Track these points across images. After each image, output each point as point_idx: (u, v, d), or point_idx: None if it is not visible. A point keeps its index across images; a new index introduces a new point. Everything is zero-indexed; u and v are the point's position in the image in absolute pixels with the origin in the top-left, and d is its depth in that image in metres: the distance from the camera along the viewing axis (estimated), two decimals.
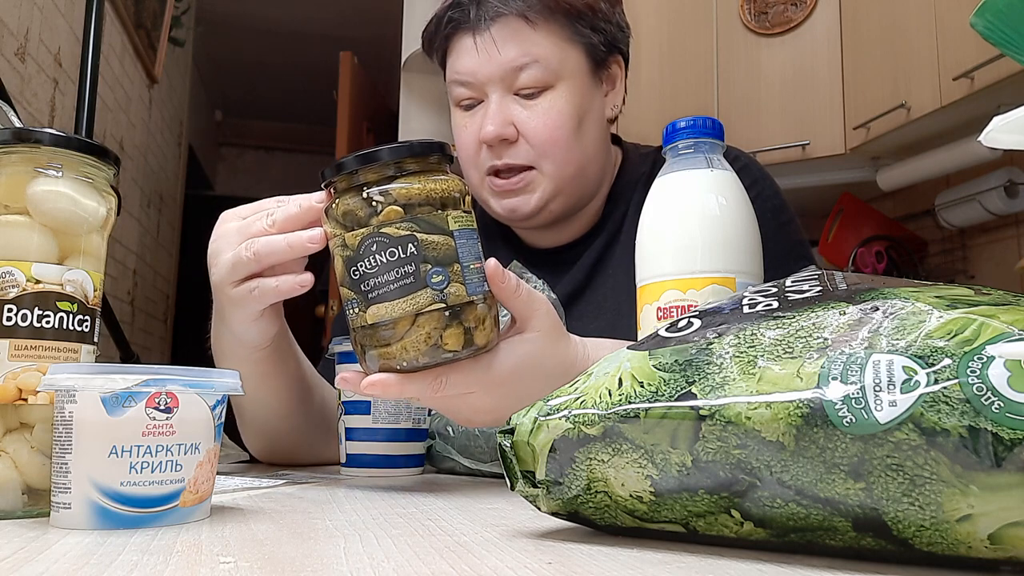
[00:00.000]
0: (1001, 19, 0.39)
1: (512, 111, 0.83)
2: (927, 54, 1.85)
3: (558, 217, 0.88)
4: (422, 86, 2.80)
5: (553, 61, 0.82)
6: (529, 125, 0.82)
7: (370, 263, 0.50)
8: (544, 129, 0.82)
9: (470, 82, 0.84)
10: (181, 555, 0.34)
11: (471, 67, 0.83)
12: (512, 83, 0.82)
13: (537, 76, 0.82)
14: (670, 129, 0.59)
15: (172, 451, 0.41)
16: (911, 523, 0.30)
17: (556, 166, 0.83)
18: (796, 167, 2.24)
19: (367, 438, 0.69)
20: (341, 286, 0.53)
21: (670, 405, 0.35)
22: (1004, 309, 0.32)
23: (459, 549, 0.36)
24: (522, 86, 0.82)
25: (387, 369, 0.52)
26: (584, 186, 0.88)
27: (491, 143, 0.82)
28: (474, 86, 0.84)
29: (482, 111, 0.84)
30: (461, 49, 0.85)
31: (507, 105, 0.83)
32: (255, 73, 5.56)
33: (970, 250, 2.12)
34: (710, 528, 0.35)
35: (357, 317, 0.52)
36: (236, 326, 0.64)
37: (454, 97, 0.87)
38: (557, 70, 0.83)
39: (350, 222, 0.51)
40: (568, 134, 0.83)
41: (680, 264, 0.56)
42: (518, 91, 0.83)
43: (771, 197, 0.85)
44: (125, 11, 2.98)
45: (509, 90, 0.83)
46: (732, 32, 2.36)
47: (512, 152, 0.83)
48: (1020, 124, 0.31)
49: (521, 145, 0.83)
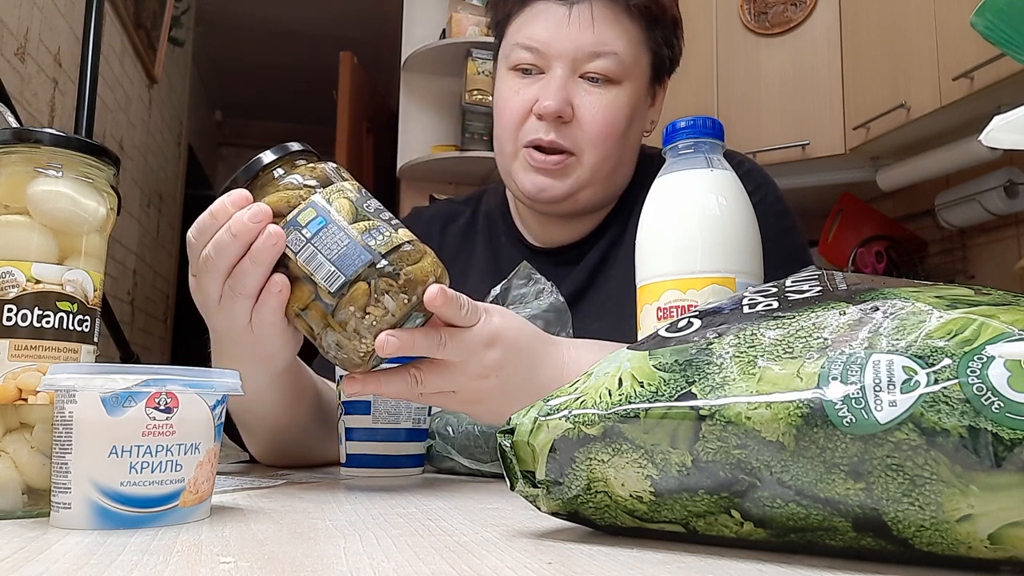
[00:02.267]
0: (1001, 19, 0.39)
1: (574, 92, 0.83)
2: (927, 54, 1.85)
3: (580, 210, 0.88)
4: (422, 86, 2.80)
5: (628, 59, 0.83)
6: (588, 111, 0.82)
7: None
8: (602, 119, 0.82)
9: (539, 50, 0.83)
10: (181, 555, 0.34)
11: (548, 36, 0.83)
12: (581, 65, 0.83)
13: (609, 67, 0.82)
14: (670, 129, 0.59)
15: (172, 451, 0.41)
16: (911, 523, 0.30)
17: (598, 158, 0.84)
18: (796, 167, 2.24)
19: (367, 438, 0.69)
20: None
21: (670, 405, 0.35)
22: (1004, 309, 0.32)
23: (459, 549, 0.36)
24: (591, 71, 0.82)
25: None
26: (611, 187, 0.89)
27: (548, 117, 0.82)
28: (542, 55, 0.83)
29: (542, 82, 0.83)
30: (542, 14, 0.84)
31: (571, 83, 0.83)
32: (255, 73, 5.56)
33: (970, 250, 2.12)
34: (710, 528, 0.35)
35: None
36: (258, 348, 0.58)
37: (512, 60, 0.86)
38: (628, 68, 0.84)
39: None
40: (619, 131, 0.84)
41: (680, 264, 0.56)
42: (583, 75, 0.83)
43: (774, 202, 0.86)
44: (125, 11, 2.98)
45: (575, 71, 0.83)
46: (732, 32, 2.36)
47: (562, 132, 0.83)
48: (1020, 124, 0.31)
49: (573, 128, 0.83)
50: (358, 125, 3.33)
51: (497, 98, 0.89)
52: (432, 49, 2.65)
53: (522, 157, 0.85)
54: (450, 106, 2.79)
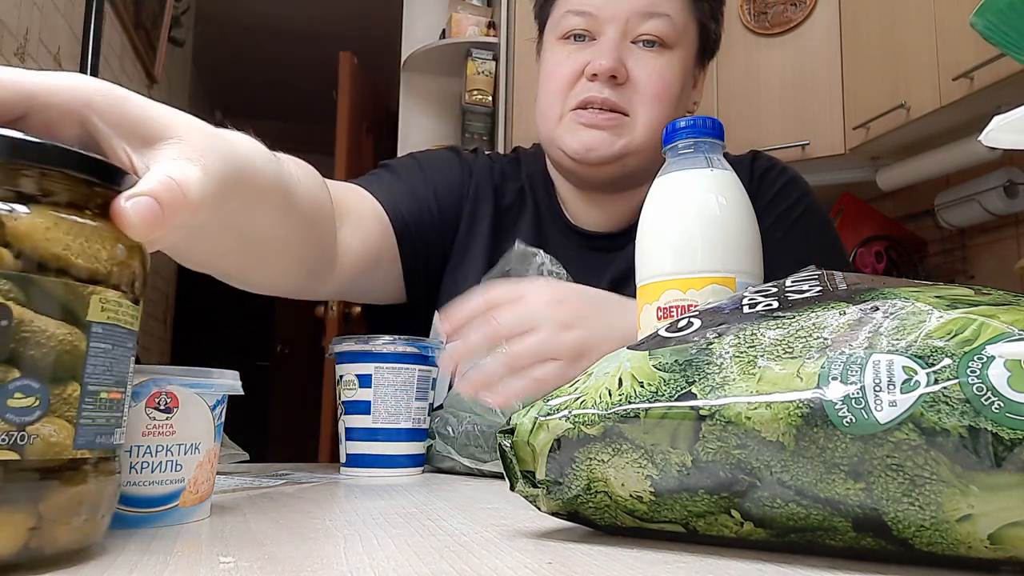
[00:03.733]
0: (1001, 19, 0.39)
1: (627, 54, 0.83)
2: (927, 54, 1.85)
3: (625, 176, 0.86)
4: (422, 86, 2.80)
5: (679, 21, 0.84)
6: (642, 73, 0.83)
7: None
8: (657, 80, 0.83)
9: (592, 14, 0.84)
10: (181, 555, 0.34)
11: (601, 0, 0.83)
12: (634, 29, 0.83)
13: (662, 29, 0.83)
14: (670, 129, 0.59)
15: (172, 451, 0.41)
16: (911, 523, 0.30)
17: (651, 119, 0.83)
18: (796, 167, 2.22)
19: (367, 438, 0.69)
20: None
21: (670, 405, 0.35)
22: (1004, 309, 0.32)
23: (459, 549, 0.36)
24: (644, 33, 0.83)
25: None
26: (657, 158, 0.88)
27: (601, 76, 0.82)
28: (595, 19, 0.84)
29: (594, 47, 0.84)
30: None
31: (624, 47, 0.83)
32: (255, 73, 5.56)
33: (970, 250, 2.12)
34: (710, 528, 0.35)
35: None
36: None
37: (562, 27, 0.86)
38: (680, 33, 0.84)
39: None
40: (674, 95, 0.84)
41: (680, 264, 0.56)
42: (635, 38, 0.83)
43: (817, 211, 0.86)
44: (125, 11, 2.98)
45: (627, 37, 0.83)
46: (732, 32, 2.35)
47: (615, 91, 0.83)
48: (1020, 124, 0.31)
49: (627, 88, 0.83)
50: (358, 125, 3.32)
51: (544, 66, 0.89)
52: (432, 49, 2.65)
53: (569, 119, 0.84)
54: (450, 106, 2.79)
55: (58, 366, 0.29)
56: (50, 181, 0.30)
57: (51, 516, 0.29)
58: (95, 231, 0.31)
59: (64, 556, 0.31)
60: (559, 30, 0.86)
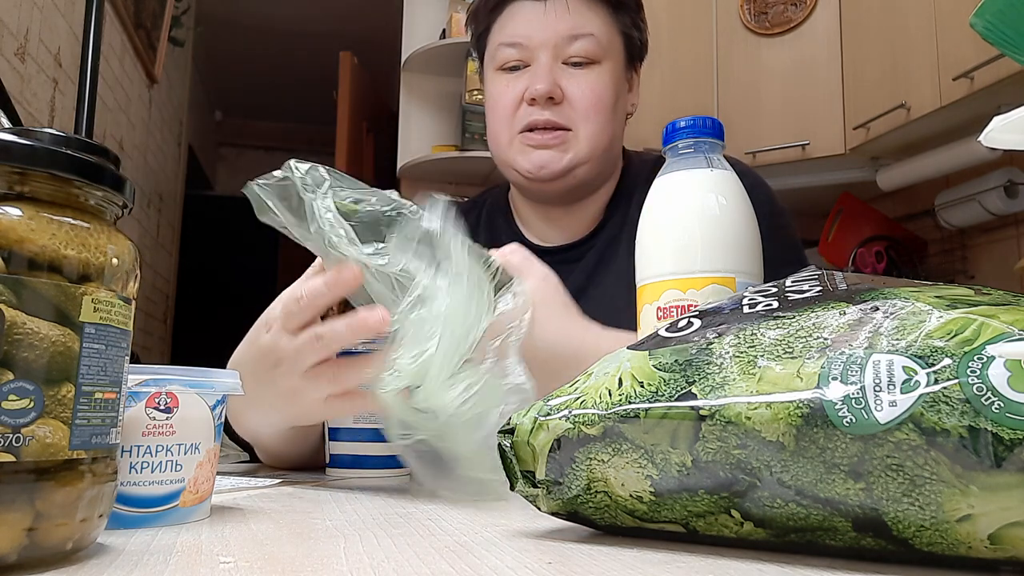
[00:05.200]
0: (1001, 19, 0.39)
1: (560, 76, 0.90)
2: (927, 54, 1.85)
3: (579, 186, 0.92)
4: (422, 86, 2.80)
5: (603, 39, 0.91)
6: (576, 90, 0.89)
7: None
8: (590, 95, 0.89)
9: (523, 44, 0.90)
10: (181, 555, 0.34)
11: (528, 31, 0.90)
12: (563, 51, 0.90)
13: (588, 48, 0.90)
14: (670, 129, 0.59)
15: (172, 451, 0.41)
16: (911, 523, 0.30)
17: (592, 132, 0.90)
18: (796, 167, 2.24)
19: (350, 438, 0.68)
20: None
21: (670, 405, 0.35)
22: (1004, 309, 0.32)
23: (459, 549, 0.36)
24: (572, 54, 0.90)
25: None
26: (606, 164, 0.94)
27: (539, 100, 0.88)
28: (526, 49, 0.90)
29: (529, 73, 0.90)
30: (520, 12, 0.91)
31: (556, 69, 0.90)
32: (255, 73, 5.56)
33: (970, 250, 2.12)
34: (710, 528, 0.35)
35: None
36: (302, 408, 0.59)
37: (499, 59, 0.92)
38: (606, 48, 0.91)
39: None
40: (608, 106, 0.90)
41: (680, 264, 0.56)
42: (566, 60, 0.90)
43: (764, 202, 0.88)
44: (125, 11, 2.98)
45: (558, 58, 0.90)
46: (732, 32, 2.36)
47: (555, 111, 0.89)
48: (1020, 124, 0.31)
49: (564, 107, 0.89)
50: (358, 125, 3.32)
51: (488, 98, 0.96)
52: (432, 49, 2.65)
53: (518, 142, 0.91)
54: (450, 106, 2.79)
55: (52, 367, 0.30)
56: (37, 182, 0.30)
57: (48, 516, 0.29)
58: (85, 231, 0.31)
59: (62, 556, 0.31)
60: (496, 62, 0.93)
